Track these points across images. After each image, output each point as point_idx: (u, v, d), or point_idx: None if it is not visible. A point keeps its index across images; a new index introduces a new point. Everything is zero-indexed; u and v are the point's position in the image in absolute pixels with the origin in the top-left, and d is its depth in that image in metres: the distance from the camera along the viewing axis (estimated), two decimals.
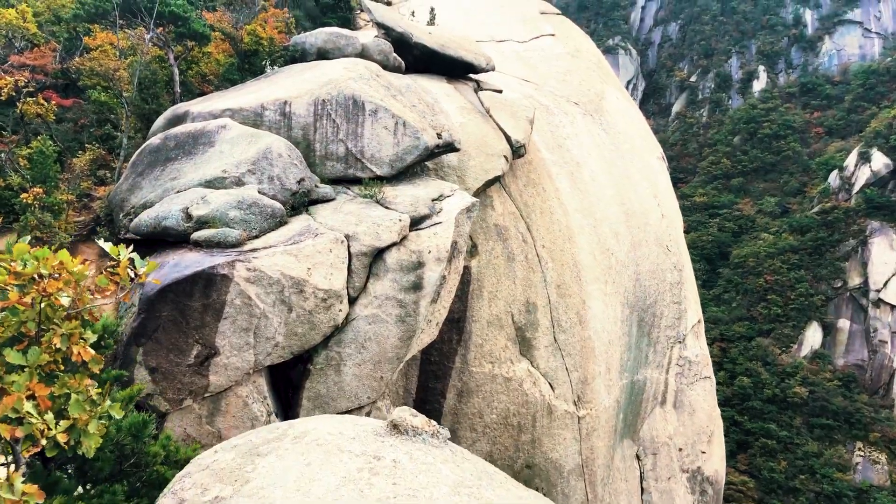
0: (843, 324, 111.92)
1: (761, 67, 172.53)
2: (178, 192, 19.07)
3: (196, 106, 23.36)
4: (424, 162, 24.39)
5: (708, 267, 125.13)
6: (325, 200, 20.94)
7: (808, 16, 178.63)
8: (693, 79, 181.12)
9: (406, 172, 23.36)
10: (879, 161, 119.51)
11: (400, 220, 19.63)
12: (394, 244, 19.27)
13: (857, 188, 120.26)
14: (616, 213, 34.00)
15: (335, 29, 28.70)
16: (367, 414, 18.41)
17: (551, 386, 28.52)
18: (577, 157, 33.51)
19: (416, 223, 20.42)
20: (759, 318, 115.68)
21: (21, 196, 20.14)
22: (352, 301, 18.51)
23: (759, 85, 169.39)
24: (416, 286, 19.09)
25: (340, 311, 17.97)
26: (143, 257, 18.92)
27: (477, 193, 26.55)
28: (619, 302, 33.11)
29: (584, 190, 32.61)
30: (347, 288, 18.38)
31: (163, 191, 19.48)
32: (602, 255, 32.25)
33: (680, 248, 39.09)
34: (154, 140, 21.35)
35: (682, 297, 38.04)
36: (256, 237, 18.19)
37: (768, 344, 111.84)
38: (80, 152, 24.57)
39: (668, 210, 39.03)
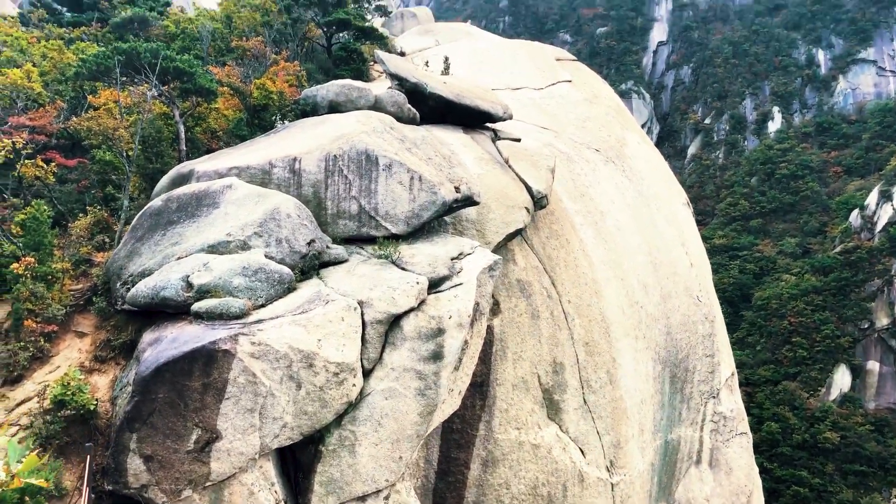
0: (873, 366, 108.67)
1: (776, 108, 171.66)
2: (178, 258, 17.75)
3: (202, 164, 22.23)
4: (442, 217, 23.04)
5: (730, 310, 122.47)
6: (338, 262, 19.57)
7: (821, 56, 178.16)
8: (707, 121, 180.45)
9: (423, 229, 22.00)
10: None
11: (417, 283, 18.18)
12: (411, 309, 17.81)
13: (879, 227, 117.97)
14: (643, 264, 32.44)
15: (347, 81, 27.70)
16: (386, 498, 16.71)
17: (582, 451, 26.68)
18: (600, 205, 32.11)
19: (434, 285, 18.98)
20: (785, 362, 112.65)
21: (12, 266, 18.90)
22: (366, 374, 16.98)
23: (774, 126, 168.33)
24: (437, 355, 17.54)
25: (354, 385, 16.42)
26: (140, 331, 17.59)
27: (498, 248, 25.14)
28: (651, 358, 31.35)
29: (609, 240, 31.13)
30: (361, 360, 16.86)
31: (163, 257, 18.17)
32: (631, 308, 30.61)
33: (710, 298, 37.34)
34: (156, 202, 20.15)
35: (714, 349, 36.17)
36: (262, 306, 16.78)
37: (795, 387, 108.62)
38: (80, 215, 23.42)
39: (696, 258, 37.39)
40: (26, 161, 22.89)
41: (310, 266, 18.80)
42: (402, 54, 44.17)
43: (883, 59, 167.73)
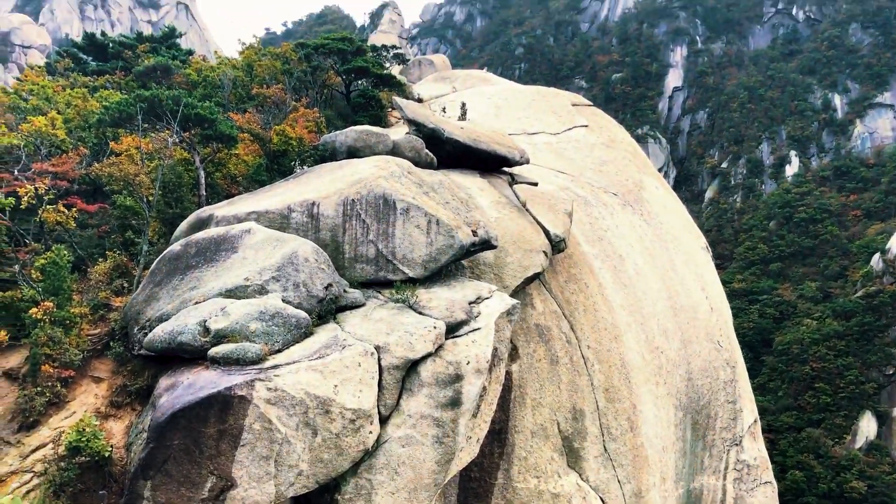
0: None
1: (793, 152, 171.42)
2: (196, 303, 17.73)
3: (221, 209, 22.38)
4: (460, 261, 22.96)
5: (751, 354, 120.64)
6: (355, 306, 19.47)
7: (838, 100, 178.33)
8: (724, 165, 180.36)
9: (440, 273, 21.90)
10: None
11: (435, 328, 18.02)
12: (429, 355, 17.62)
13: None
14: (663, 308, 32.09)
15: (366, 127, 27.94)
16: None
17: (603, 500, 26.08)
18: (619, 249, 31.92)
19: (452, 330, 18.80)
20: (808, 408, 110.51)
21: (31, 311, 18.96)
22: (383, 420, 16.74)
23: (791, 169, 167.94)
24: (455, 402, 17.29)
25: (371, 432, 16.19)
26: (156, 376, 17.51)
27: (516, 292, 24.95)
28: (672, 404, 30.82)
29: (628, 284, 30.87)
30: (378, 406, 16.64)
31: (180, 302, 18.17)
32: (651, 353, 30.20)
33: (732, 344, 36.80)
34: (174, 247, 20.24)
35: (736, 395, 35.52)
36: (279, 351, 16.67)
37: (820, 435, 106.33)
38: (100, 260, 23.55)
39: (716, 303, 36.96)
40: (48, 206, 23.11)
41: (327, 310, 18.71)
42: (420, 100, 44.63)
43: None
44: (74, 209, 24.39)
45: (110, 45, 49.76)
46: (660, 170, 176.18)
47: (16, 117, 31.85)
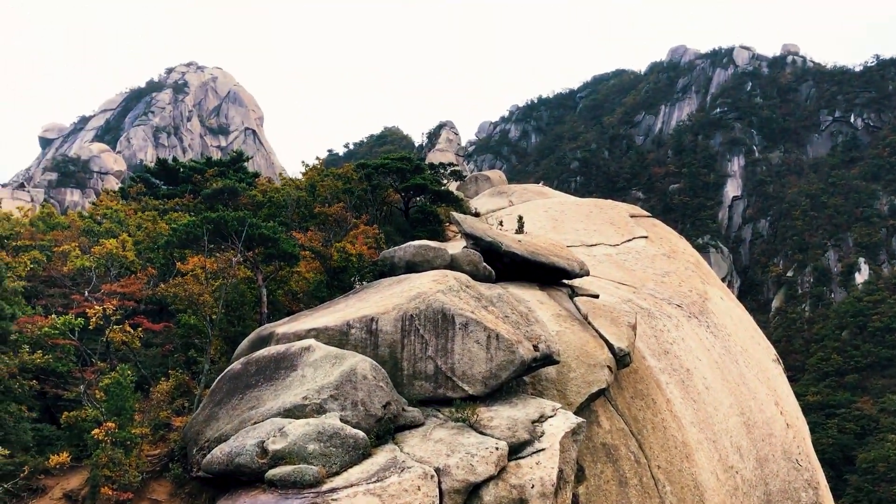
0: None
1: (861, 259, 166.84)
2: (255, 423, 17.54)
3: (281, 327, 22.51)
4: (521, 377, 22.39)
5: (832, 473, 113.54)
6: (413, 425, 18.99)
7: None
8: (790, 274, 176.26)
9: (501, 390, 21.33)
10: None
11: (497, 449, 17.38)
12: (491, 478, 16.91)
13: None
14: (736, 425, 30.58)
15: (424, 242, 28.18)
16: None
17: None
18: (686, 363, 30.85)
19: (515, 450, 18.10)
20: None
21: (93, 431, 19.04)
22: None
23: (861, 277, 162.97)
24: None
25: None
26: (214, 499, 17.15)
27: (580, 409, 24.08)
28: None
29: (697, 400, 29.63)
30: None
31: (239, 422, 18.00)
32: (725, 474, 28.56)
33: (812, 462, 34.63)
34: (235, 365, 20.30)
35: None
36: (337, 473, 16.21)
37: None
38: (162, 379, 23.77)
39: (792, 418, 35.12)
40: (115, 327, 23.63)
41: (385, 430, 18.27)
42: (477, 215, 45.16)
43: None
44: (140, 329, 24.90)
45: (181, 169, 52.17)
46: (723, 279, 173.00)
47: (89, 240, 33.18)
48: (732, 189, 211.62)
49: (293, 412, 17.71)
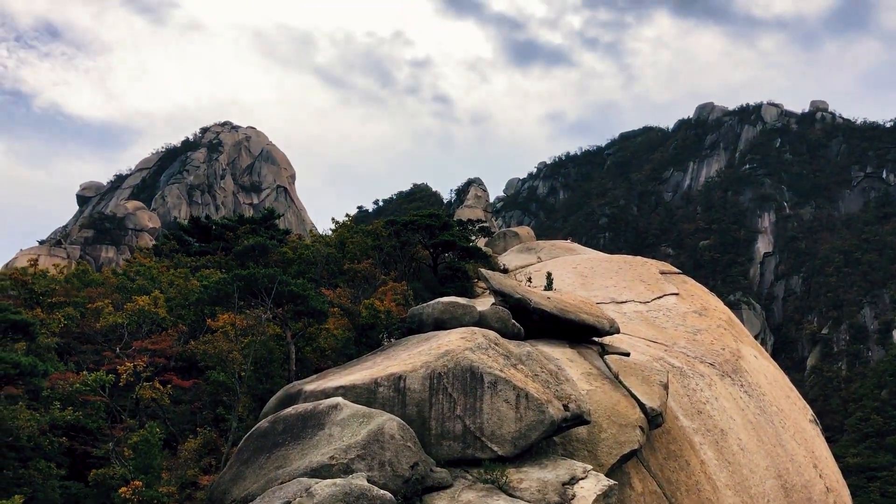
0: None
1: None
2: (281, 482, 17.35)
3: (309, 384, 22.43)
4: (551, 437, 21.99)
5: None
6: (441, 487, 18.66)
7: None
8: (825, 331, 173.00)
9: (530, 451, 20.94)
10: None
11: None
12: None
13: None
14: (773, 488, 29.67)
15: (452, 298, 28.10)
16: None
17: None
18: (719, 423, 30.15)
19: None
20: None
21: (120, 490, 18.96)
22: None
23: None
24: None
25: None
26: None
27: (612, 470, 23.52)
28: None
29: (732, 461, 28.86)
30: None
31: (266, 481, 17.83)
32: None
33: None
34: (262, 424, 20.20)
35: None
36: None
37: None
38: (190, 436, 23.72)
39: (832, 481, 34.02)
40: (145, 384, 23.75)
41: (413, 491, 17.98)
42: (506, 271, 45.11)
43: None
44: (170, 385, 24.99)
45: (213, 227, 53.03)
46: (756, 337, 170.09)
47: (122, 297, 33.62)
48: (763, 245, 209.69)
49: (320, 472, 17.51)
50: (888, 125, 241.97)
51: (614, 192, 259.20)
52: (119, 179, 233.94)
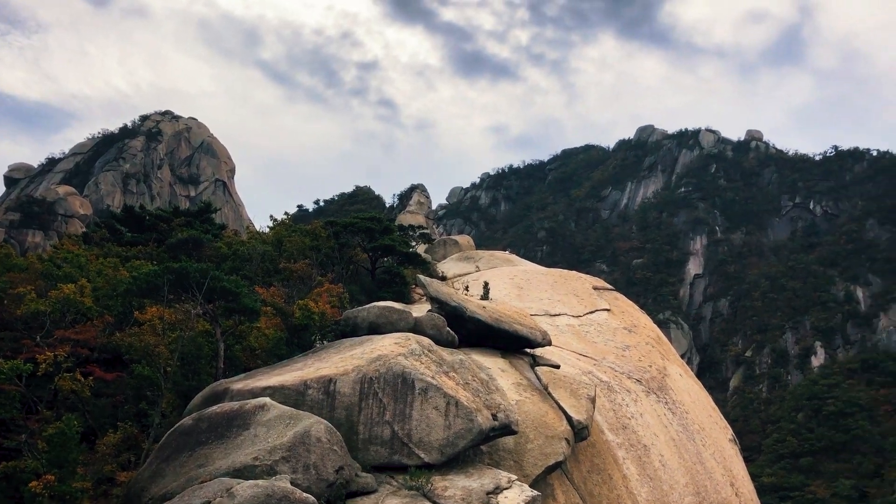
0: None
1: (818, 343, 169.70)
2: (202, 482, 16.98)
3: (237, 383, 22.04)
4: (478, 446, 22.08)
5: None
6: (365, 492, 18.55)
7: (860, 293, 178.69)
8: (749, 353, 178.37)
9: (457, 459, 21.00)
10: None
11: None
12: None
13: None
14: None
15: (388, 303, 28.03)
16: None
17: None
18: (643, 439, 30.76)
19: None
20: None
21: (30, 484, 18.23)
22: None
23: (817, 360, 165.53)
24: None
25: None
26: None
27: (536, 481, 23.73)
28: None
29: (654, 477, 29.45)
30: None
31: (186, 480, 17.43)
32: None
33: None
34: (186, 421, 19.76)
35: None
36: None
37: None
38: (110, 431, 22.98)
39: (747, 500, 35.04)
40: (65, 374, 22.92)
41: (336, 495, 17.82)
42: (444, 279, 45.18)
43: None
44: (91, 377, 24.16)
45: (147, 217, 51.69)
46: (682, 356, 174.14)
47: (47, 284, 32.43)
48: (694, 267, 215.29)
49: (243, 473, 17.22)
50: (818, 158, 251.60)
51: (554, 206, 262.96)
52: (51, 163, 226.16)
